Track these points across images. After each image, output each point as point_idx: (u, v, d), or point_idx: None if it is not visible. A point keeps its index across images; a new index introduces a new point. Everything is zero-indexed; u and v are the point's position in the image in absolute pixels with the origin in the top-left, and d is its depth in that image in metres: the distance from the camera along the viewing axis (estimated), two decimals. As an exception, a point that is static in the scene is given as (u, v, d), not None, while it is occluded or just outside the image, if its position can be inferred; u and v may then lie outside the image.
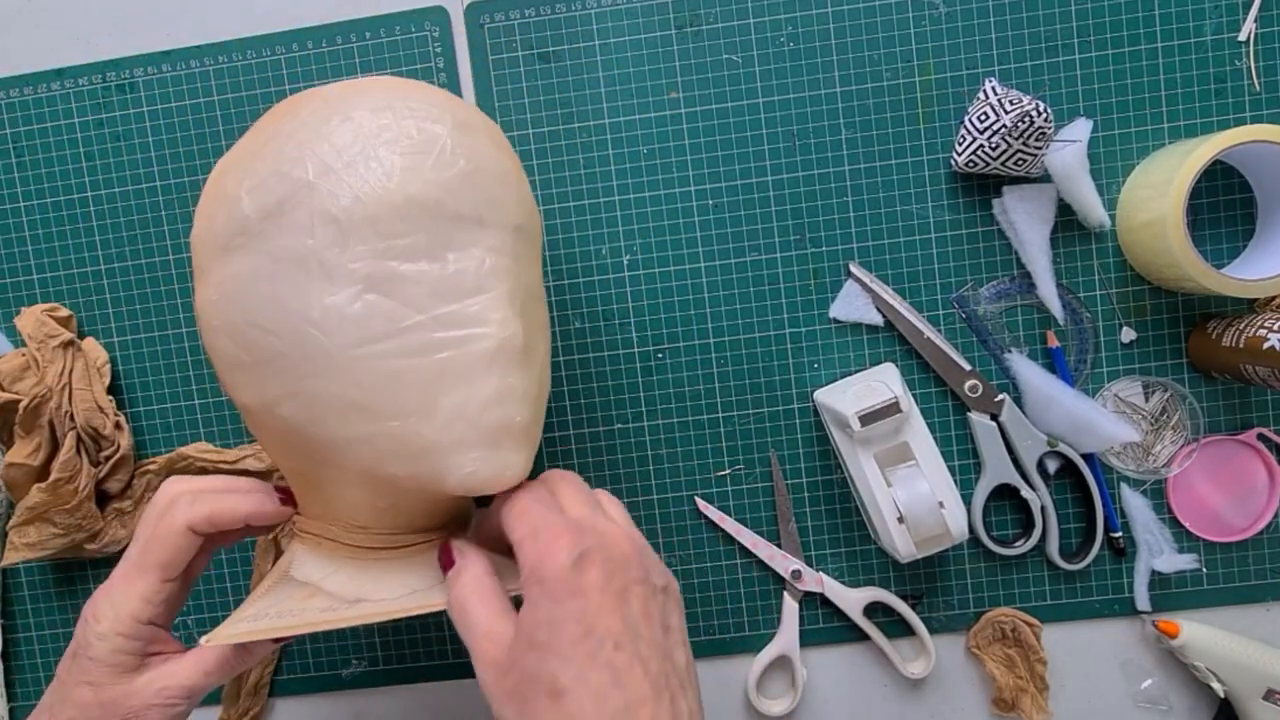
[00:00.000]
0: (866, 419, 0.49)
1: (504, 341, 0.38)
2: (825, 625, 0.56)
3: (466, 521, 0.47)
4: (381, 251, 0.37)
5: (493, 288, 0.39)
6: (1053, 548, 0.54)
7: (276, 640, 0.42)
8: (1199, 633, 0.53)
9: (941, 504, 0.48)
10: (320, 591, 0.42)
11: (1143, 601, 0.55)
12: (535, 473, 0.47)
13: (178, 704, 0.40)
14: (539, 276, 0.44)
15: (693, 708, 0.35)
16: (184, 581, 0.42)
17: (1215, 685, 0.53)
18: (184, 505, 0.41)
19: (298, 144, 0.38)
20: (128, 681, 0.40)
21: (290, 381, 0.38)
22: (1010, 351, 0.55)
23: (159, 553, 0.40)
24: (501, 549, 0.41)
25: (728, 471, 0.56)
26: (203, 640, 0.40)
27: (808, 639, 0.56)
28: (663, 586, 0.37)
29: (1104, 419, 0.53)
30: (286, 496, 0.44)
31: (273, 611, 0.41)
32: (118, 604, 0.40)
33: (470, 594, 0.37)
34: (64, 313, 0.57)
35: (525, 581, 0.35)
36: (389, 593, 0.42)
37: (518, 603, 0.36)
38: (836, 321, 0.56)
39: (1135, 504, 0.55)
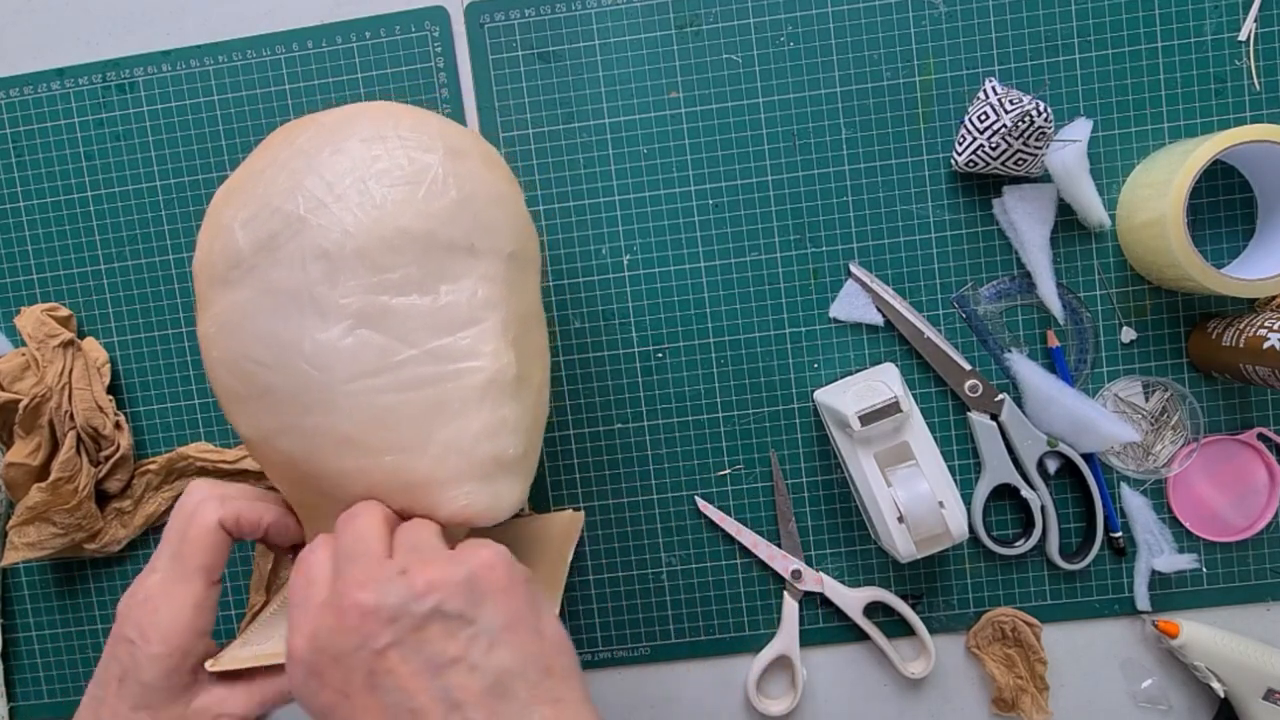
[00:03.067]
0: (866, 419, 0.49)
1: (496, 374, 0.38)
2: (825, 625, 0.56)
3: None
4: (372, 286, 0.37)
5: (485, 319, 0.39)
6: (1053, 548, 0.54)
7: None
8: (1199, 633, 0.53)
9: (941, 504, 0.48)
10: None
11: (1143, 601, 0.55)
12: (537, 489, 0.48)
13: None
14: (537, 300, 0.44)
15: (512, 709, 0.31)
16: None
17: (1215, 685, 0.53)
18: (213, 506, 0.40)
19: (290, 174, 0.38)
20: (184, 704, 0.38)
21: (286, 416, 0.38)
22: (1010, 351, 0.55)
23: (198, 556, 0.39)
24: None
25: (728, 471, 0.56)
26: (208, 665, 0.39)
27: (808, 639, 0.56)
28: (425, 613, 0.31)
29: (1104, 419, 0.53)
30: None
31: (279, 634, 0.41)
32: (167, 619, 0.38)
33: None
34: (64, 313, 0.57)
35: None
36: None
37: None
38: (836, 321, 0.56)
39: (1135, 504, 0.55)
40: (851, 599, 0.55)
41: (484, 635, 0.32)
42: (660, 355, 0.56)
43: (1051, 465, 0.55)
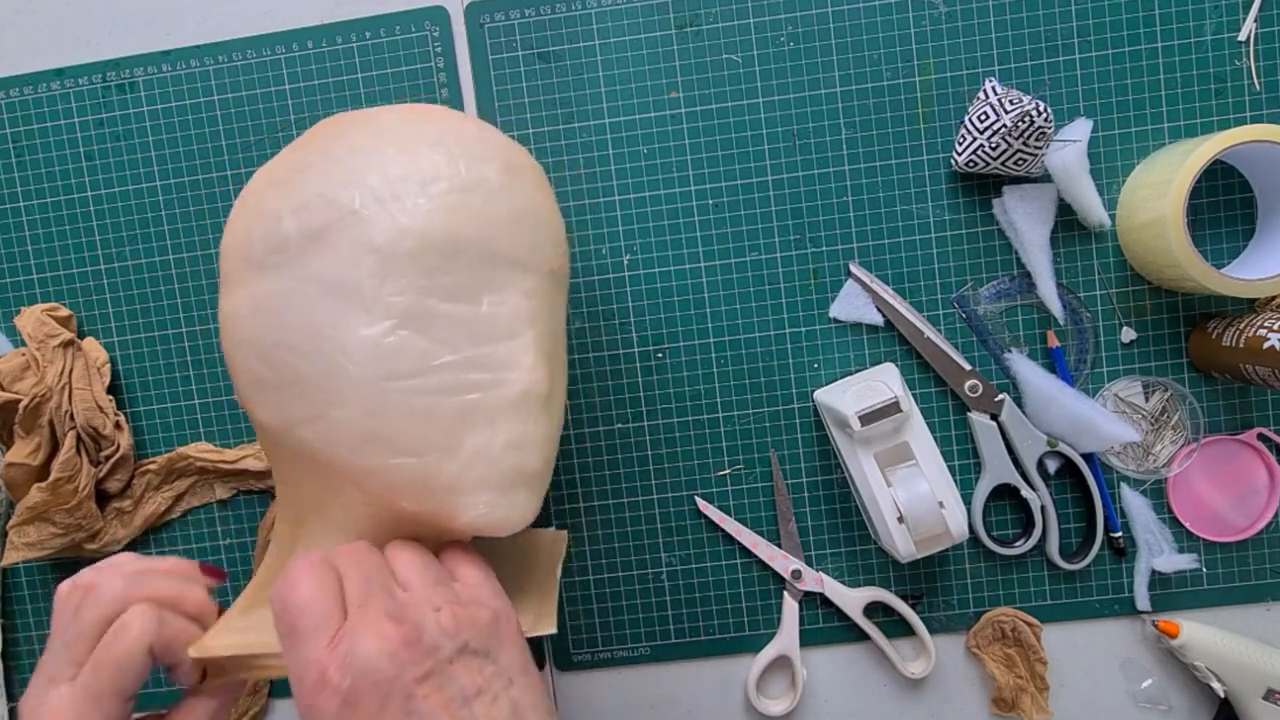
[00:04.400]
0: (866, 419, 0.49)
1: (530, 386, 0.39)
2: (825, 625, 0.56)
3: None
4: (421, 288, 0.37)
5: (523, 333, 0.39)
6: (1053, 548, 0.54)
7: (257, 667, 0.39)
8: (1199, 633, 0.53)
9: (941, 504, 0.48)
10: None
11: (1143, 601, 0.55)
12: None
13: None
14: (564, 319, 0.45)
15: None
16: None
17: (1215, 685, 0.53)
18: (142, 625, 0.36)
19: (347, 169, 0.38)
20: None
21: (314, 406, 0.38)
22: (1010, 351, 0.55)
23: (118, 680, 0.35)
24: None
25: (728, 471, 0.56)
26: (191, 650, 0.38)
27: (808, 639, 0.56)
28: (456, 649, 0.33)
29: (1104, 419, 0.53)
30: (212, 573, 0.42)
31: (265, 624, 0.39)
32: None
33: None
34: (64, 313, 0.57)
35: None
36: None
37: None
38: (836, 321, 0.56)
39: (1135, 504, 0.55)
40: (851, 599, 0.55)
41: (503, 674, 0.34)
42: (660, 355, 0.56)
43: (1051, 465, 0.55)
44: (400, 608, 0.34)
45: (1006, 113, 0.50)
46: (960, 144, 0.53)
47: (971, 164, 0.52)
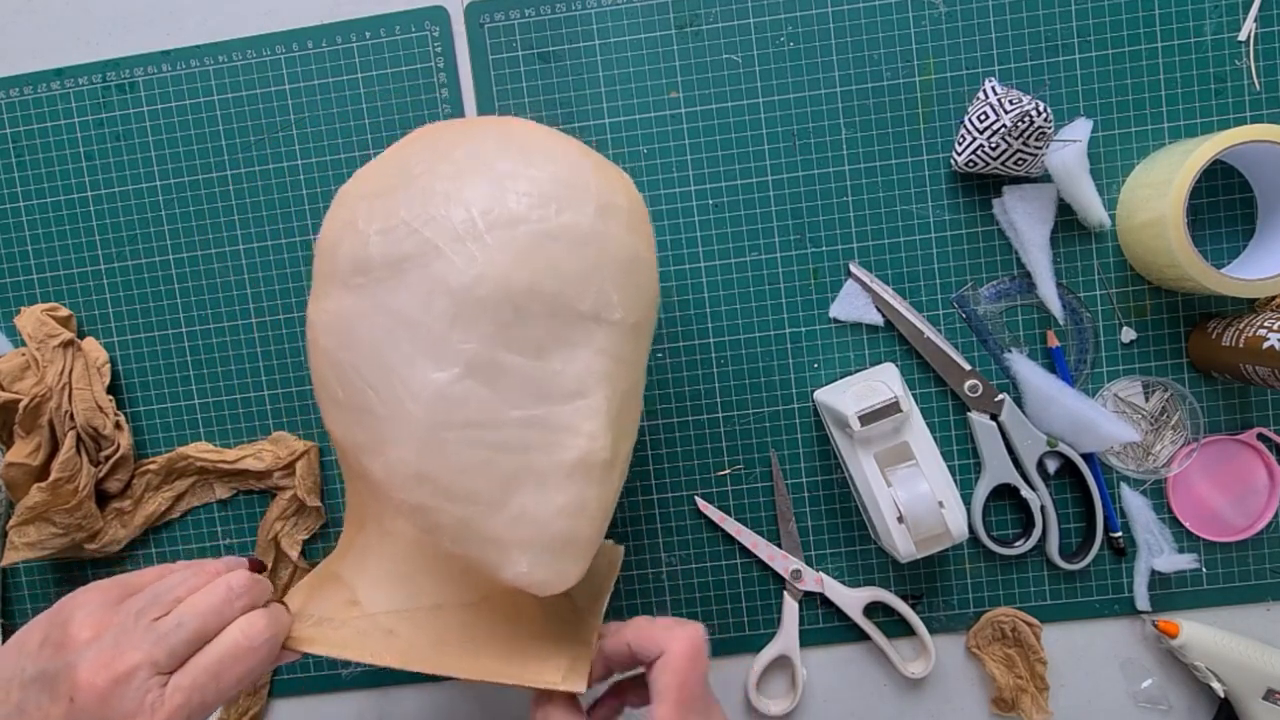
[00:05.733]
0: (866, 419, 0.49)
1: (589, 455, 0.38)
2: (825, 625, 0.56)
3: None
4: (491, 338, 0.36)
5: (591, 394, 0.38)
6: (1053, 548, 0.54)
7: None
8: (1199, 633, 0.53)
9: (941, 504, 0.48)
10: (358, 605, 0.41)
11: (1143, 601, 0.55)
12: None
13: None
14: (643, 372, 0.43)
15: None
16: None
17: (1215, 685, 0.53)
18: (273, 641, 0.38)
19: (436, 194, 0.37)
20: None
21: (375, 437, 0.38)
22: (1010, 351, 0.55)
23: (227, 694, 0.36)
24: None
25: (728, 471, 0.56)
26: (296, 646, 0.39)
27: (808, 639, 0.56)
28: None
29: (1104, 419, 0.53)
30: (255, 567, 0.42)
31: (316, 614, 0.41)
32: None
33: None
34: (64, 313, 0.57)
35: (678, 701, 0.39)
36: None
37: None
38: (836, 321, 0.56)
39: (1135, 504, 0.55)
40: (851, 599, 0.55)
41: None
42: (660, 355, 0.56)
43: (1051, 465, 0.55)
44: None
45: (1006, 113, 0.50)
46: (960, 144, 0.53)
47: (971, 164, 0.52)
